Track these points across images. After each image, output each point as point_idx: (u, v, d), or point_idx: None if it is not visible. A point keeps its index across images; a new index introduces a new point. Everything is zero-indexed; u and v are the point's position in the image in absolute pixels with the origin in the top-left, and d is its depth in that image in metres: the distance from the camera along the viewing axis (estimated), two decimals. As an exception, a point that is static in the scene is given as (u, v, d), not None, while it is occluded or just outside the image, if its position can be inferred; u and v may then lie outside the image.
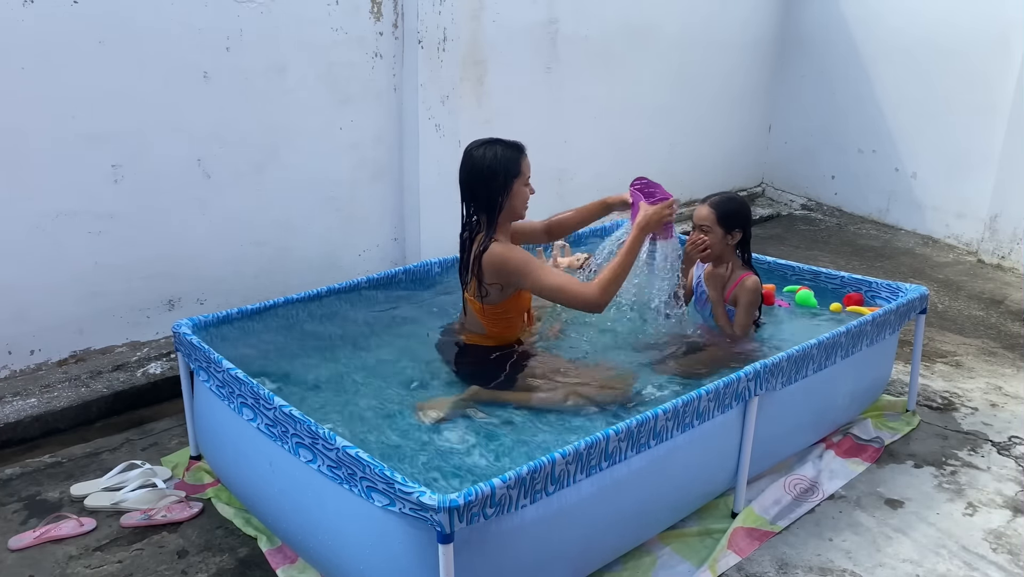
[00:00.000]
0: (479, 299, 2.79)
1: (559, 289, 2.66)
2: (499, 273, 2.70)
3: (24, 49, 3.10)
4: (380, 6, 4.08)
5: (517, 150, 2.76)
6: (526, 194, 2.79)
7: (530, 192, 2.80)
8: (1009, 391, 3.67)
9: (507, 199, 2.73)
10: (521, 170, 2.75)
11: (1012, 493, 2.91)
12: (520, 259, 2.69)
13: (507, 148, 2.74)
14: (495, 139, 2.76)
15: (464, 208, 2.80)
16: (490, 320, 2.83)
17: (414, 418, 2.57)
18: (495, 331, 2.86)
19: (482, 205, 2.74)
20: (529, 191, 2.80)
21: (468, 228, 2.82)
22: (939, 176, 5.84)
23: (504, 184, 2.71)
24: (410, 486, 1.87)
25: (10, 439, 3.07)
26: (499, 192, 2.71)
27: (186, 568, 2.44)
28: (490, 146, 2.74)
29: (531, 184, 2.80)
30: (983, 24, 5.39)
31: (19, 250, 3.25)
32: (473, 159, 2.73)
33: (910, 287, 3.31)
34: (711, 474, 2.65)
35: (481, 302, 2.79)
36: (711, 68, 6.12)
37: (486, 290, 2.75)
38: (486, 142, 2.76)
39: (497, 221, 2.74)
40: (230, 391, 2.49)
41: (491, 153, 2.71)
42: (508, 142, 2.76)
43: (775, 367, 2.62)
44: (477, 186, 2.72)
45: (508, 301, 2.80)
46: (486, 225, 2.74)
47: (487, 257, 2.69)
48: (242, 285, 3.89)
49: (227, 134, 3.70)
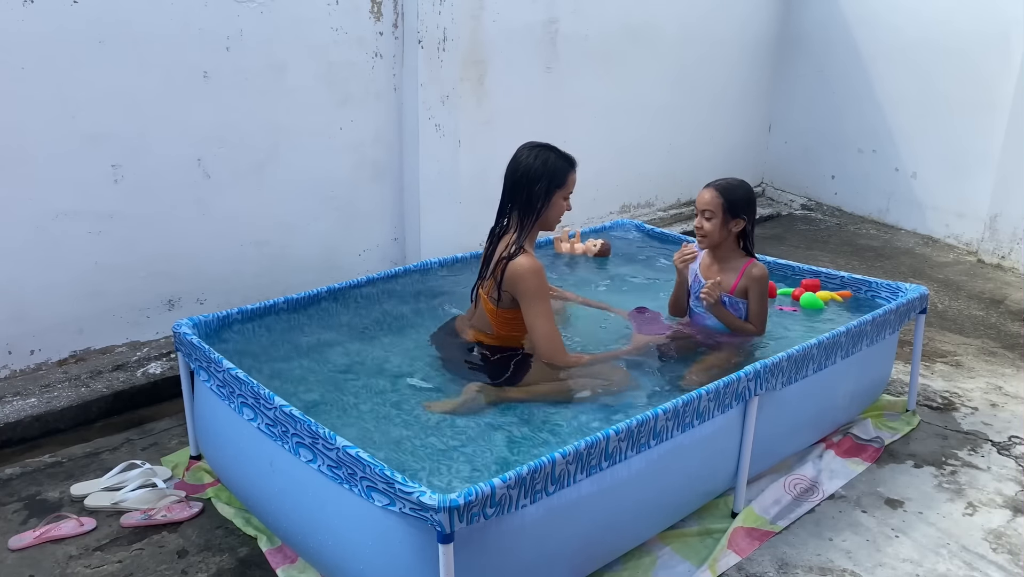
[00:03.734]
0: (493, 301, 2.79)
1: (546, 336, 2.69)
2: (514, 286, 2.70)
3: (24, 49, 3.10)
4: (380, 6, 4.08)
5: (568, 162, 2.76)
6: (563, 207, 2.78)
7: (567, 208, 2.80)
8: (1009, 391, 3.67)
9: (546, 207, 2.73)
10: (567, 183, 2.75)
11: (1012, 493, 2.91)
12: (535, 288, 2.68)
13: (559, 158, 2.74)
14: (551, 145, 2.76)
15: (501, 203, 2.79)
16: (499, 322, 2.83)
17: (414, 417, 2.57)
18: (502, 333, 2.86)
19: (519, 206, 2.73)
20: (567, 206, 2.79)
21: (499, 223, 2.81)
22: (939, 176, 5.84)
23: (547, 192, 2.71)
24: (410, 486, 1.87)
25: (10, 439, 3.07)
26: (539, 198, 2.71)
27: (186, 568, 2.45)
28: (544, 151, 2.73)
29: (570, 201, 2.80)
30: (983, 23, 5.39)
31: (19, 250, 3.25)
32: (523, 159, 2.72)
33: (910, 287, 3.31)
34: (711, 474, 2.65)
35: (495, 305, 2.79)
36: (711, 68, 6.12)
37: (500, 294, 2.75)
38: (541, 145, 2.75)
39: (530, 226, 2.74)
40: (230, 391, 2.49)
41: (542, 158, 2.71)
42: (562, 152, 2.76)
43: (775, 367, 2.63)
44: (520, 187, 2.72)
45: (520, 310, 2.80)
46: (518, 227, 2.73)
47: (512, 267, 2.69)
48: (242, 285, 3.89)
49: (227, 134, 3.70)
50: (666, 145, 5.96)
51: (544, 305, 2.70)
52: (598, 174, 5.45)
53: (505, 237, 2.78)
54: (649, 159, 5.85)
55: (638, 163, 5.79)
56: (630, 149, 5.69)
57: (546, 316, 2.71)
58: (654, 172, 5.90)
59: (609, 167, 5.52)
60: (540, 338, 2.71)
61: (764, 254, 3.74)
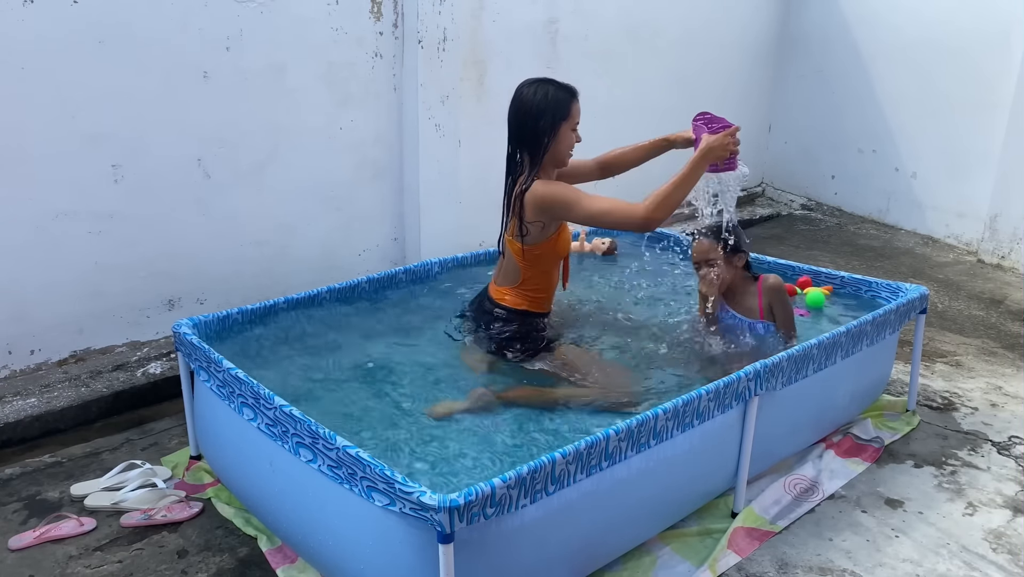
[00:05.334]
0: (519, 239, 2.74)
1: (608, 212, 2.58)
2: (543, 209, 2.64)
3: (24, 49, 3.10)
4: (380, 6, 4.08)
5: (569, 93, 2.70)
6: (572, 140, 2.73)
7: (576, 139, 2.74)
8: (1009, 391, 3.67)
9: (553, 141, 2.68)
10: (571, 113, 2.69)
11: (1012, 493, 2.91)
12: (564, 191, 2.63)
13: (559, 89, 2.69)
14: (548, 79, 2.71)
15: (509, 147, 2.74)
16: (527, 263, 2.77)
17: (415, 417, 2.58)
18: (530, 275, 2.79)
19: (527, 145, 2.69)
20: (576, 137, 2.74)
21: (510, 169, 2.76)
22: (939, 176, 5.84)
23: (552, 125, 2.66)
24: (410, 486, 1.87)
25: (10, 439, 3.07)
26: (545, 133, 2.66)
27: (186, 568, 2.44)
28: (542, 85, 2.69)
29: (578, 131, 2.74)
30: (983, 23, 5.40)
31: (19, 250, 3.25)
32: (523, 96, 2.68)
33: (910, 287, 3.31)
34: (711, 474, 2.65)
35: (521, 242, 2.74)
36: (711, 67, 6.12)
37: (527, 229, 2.69)
38: (539, 80, 2.70)
39: (541, 163, 2.69)
40: (230, 391, 2.49)
41: (542, 92, 2.67)
42: (561, 84, 2.71)
43: (775, 367, 2.62)
44: (524, 124, 2.67)
45: (547, 243, 2.75)
46: (529, 166, 2.69)
47: (531, 195, 2.64)
48: (242, 285, 3.89)
49: (227, 134, 3.70)
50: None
51: (583, 195, 2.61)
52: (598, 174, 5.46)
53: (519, 179, 2.73)
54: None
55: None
56: (630, 149, 5.68)
57: (594, 199, 2.60)
58: (654, 172, 5.87)
59: (609, 167, 5.52)
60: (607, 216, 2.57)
61: (764, 254, 3.75)
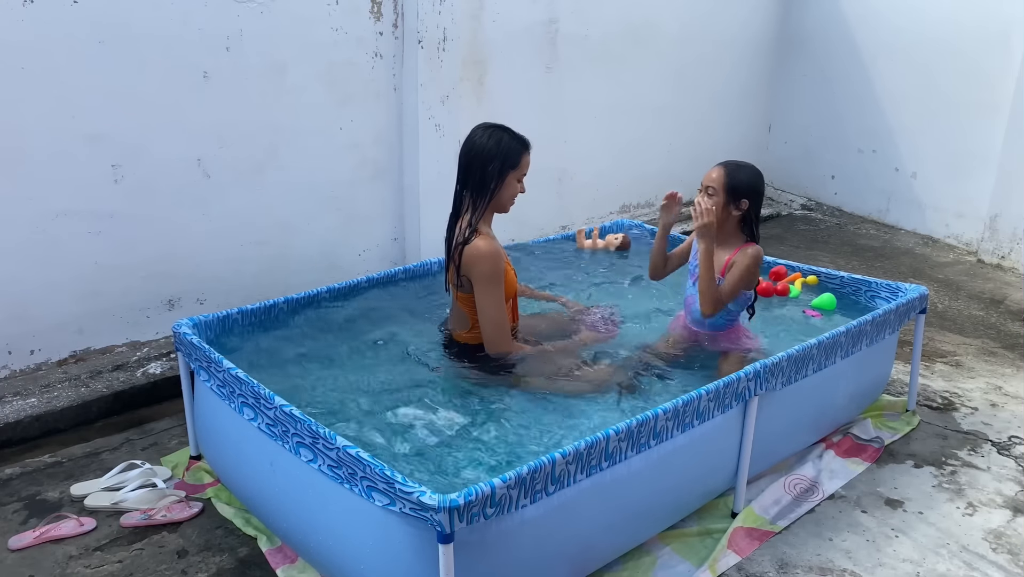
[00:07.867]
0: (456, 287, 2.78)
1: (492, 322, 2.69)
2: (469, 270, 2.69)
3: (24, 49, 3.10)
4: (380, 6, 4.08)
5: (521, 143, 2.74)
6: (517, 189, 2.77)
7: (521, 190, 2.78)
8: (1009, 391, 3.67)
9: (499, 188, 2.71)
10: (519, 164, 2.73)
11: (1012, 493, 2.91)
12: (488, 272, 2.66)
13: (512, 139, 2.72)
14: (504, 126, 2.74)
15: (456, 185, 2.77)
16: (472, 310, 2.79)
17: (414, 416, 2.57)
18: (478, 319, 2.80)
19: (473, 186, 2.72)
20: (521, 188, 2.78)
21: (455, 205, 2.80)
22: (939, 176, 5.84)
23: (500, 172, 2.69)
24: (410, 486, 1.87)
25: (10, 439, 3.07)
26: (492, 178, 2.69)
27: (186, 568, 2.45)
28: (497, 131, 2.72)
29: (524, 183, 2.78)
30: (983, 23, 5.40)
31: (19, 250, 3.25)
32: (476, 140, 2.71)
33: (910, 287, 3.31)
34: (711, 474, 2.65)
35: (459, 291, 2.78)
36: (711, 67, 6.12)
37: (460, 280, 2.74)
38: (495, 127, 2.73)
39: (483, 208, 2.72)
40: (230, 391, 2.49)
41: (496, 138, 2.70)
42: (515, 134, 2.74)
43: (775, 367, 2.63)
44: (472, 166, 2.70)
45: None
46: (471, 209, 2.72)
47: (468, 251, 2.67)
48: (242, 285, 3.89)
49: (227, 134, 3.70)
50: (666, 145, 5.96)
51: (496, 291, 2.68)
52: (598, 174, 5.45)
53: (460, 223, 2.75)
54: (649, 159, 5.84)
55: (638, 163, 5.79)
56: (630, 149, 5.68)
57: (496, 302, 2.69)
58: (654, 172, 5.89)
59: (609, 167, 5.52)
60: (487, 323, 2.70)
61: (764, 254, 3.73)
